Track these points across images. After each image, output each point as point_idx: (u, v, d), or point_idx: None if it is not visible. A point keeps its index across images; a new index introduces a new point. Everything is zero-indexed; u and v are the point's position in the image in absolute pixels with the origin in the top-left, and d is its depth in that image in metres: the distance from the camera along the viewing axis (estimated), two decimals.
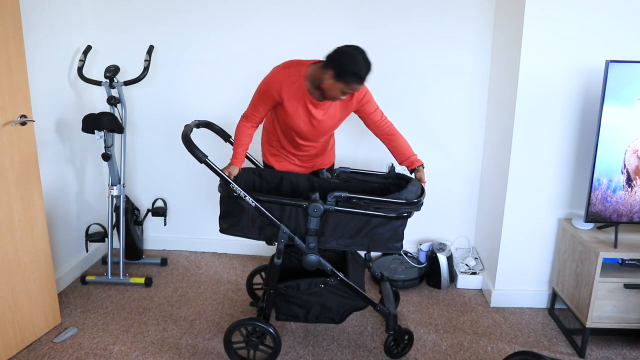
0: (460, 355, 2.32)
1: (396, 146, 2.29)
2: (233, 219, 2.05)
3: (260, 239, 2.07)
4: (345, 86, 2.01)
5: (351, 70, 1.97)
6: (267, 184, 2.31)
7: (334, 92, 2.05)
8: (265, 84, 2.16)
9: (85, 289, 2.86)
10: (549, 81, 2.42)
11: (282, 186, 2.31)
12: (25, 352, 2.28)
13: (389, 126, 2.30)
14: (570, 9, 2.32)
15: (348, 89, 2.03)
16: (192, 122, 2.15)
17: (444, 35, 2.88)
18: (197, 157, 1.93)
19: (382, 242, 2.02)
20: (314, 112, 2.16)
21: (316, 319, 2.19)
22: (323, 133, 2.28)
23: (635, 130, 2.18)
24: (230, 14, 2.96)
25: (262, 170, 2.34)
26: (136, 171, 3.30)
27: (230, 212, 2.06)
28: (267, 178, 2.32)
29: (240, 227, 2.06)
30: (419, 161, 2.28)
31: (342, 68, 1.97)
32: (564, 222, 2.54)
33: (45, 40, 2.65)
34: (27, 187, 2.25)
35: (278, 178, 2.32)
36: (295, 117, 2.16)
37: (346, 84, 2.00)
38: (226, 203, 2.07)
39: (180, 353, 2.31)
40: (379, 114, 2.29)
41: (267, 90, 2.14)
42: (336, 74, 1.99)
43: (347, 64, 1.97)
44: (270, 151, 2.40)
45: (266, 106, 2.17)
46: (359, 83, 2.01)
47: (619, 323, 2.29)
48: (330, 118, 2.21)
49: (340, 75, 1.98)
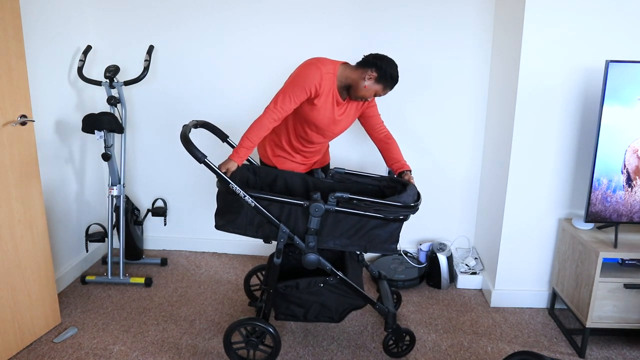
0: (460, 355, 2.32)
1: (390, 150, 2.38)
2: (230, 215, 2.04)
3: (257, 237, 2.06)
4: (383, 89, 2.16)
5: (394, 75, 2.14)
6: (262, 181, 2.30)
7: (369, 92, 2.17)
8: (306, 77, 2.11)
9: (85, 289, 2.86)
10: (549, 81, 2.42)
11: (277, 184, 2.31)
12: (25, 352, 2.29)
13: (386, 131, 2.41)
14: (570, 9, 2.32)
15: (382, 92, 2.18)
16: (190, 122, 2.15)
17: (444, 35, 2.88)
18: (196, 157, 1.93)
19: (379, 243, 2.03)
20: (337, 110, 2.23)
21: (315, 318, 2.19)
22: (339, 131, 2.33)
23: (635, 130, 2.18)
24: (230, 15, 2.96)
25: (257, 167, 2.33)
26: (136, 171, 3.31)
27: (227, 208, 2.04)
28: (261, 175, 2.31)
29: (237, 225, 2.04)
30: (408, 166, 2.37)
31: (385, 71, 2.11)
32: (564, 222, 2.54)
33: (45, 40, 2.65)
34: (27, 187, 2.25)
35: (273, 176, 2.31)
36: (321, 113, 2.18)
37: (384, 87, 2.16)
38: (224, 199, 2.05)
39: (180, 353, 2.31)
40: (379, 118, 2.40)
41: (306, 83, 2.10)
42: (379, 76, 2.12)
43: (390, 68, 2.13)
44: (275, 152, 2.38)
45: (298, 100, 2.12)
46: (392, 88, 2.19)
47: (619, 323, 2.29)
48: (346, 117, 2.29)
49: (383, 78, 2.13)
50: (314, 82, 2.10)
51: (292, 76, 2.17)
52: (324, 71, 2.12)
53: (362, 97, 2.18)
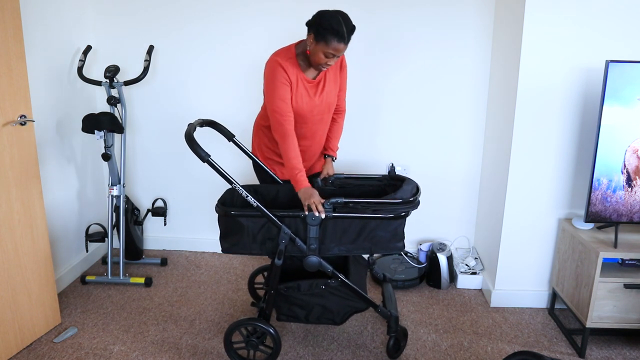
0: (460, 355, 2.32)
1: (330, 130, 2.38)
2: (234, 237, 2.05)
3: (263, 254, 2.07)
4: (326, 46, 1.99)
5: (329, 26, 1.96)
6: (263, 198, 2.29)
7: (317, 56, 2.04)
8: (274, 75, 2.10)
9: (85, 289, 2.86)
10: (549, 81, 2.42)
11: (279, 199, 2.29)
12: (25, 352, 2.28)
13: (341, 111, 2.40)
14: (570, 9, 2.32)
15: (330, 49, 2.00)
16: (196, 121, 2.14)
17: (444, 35, 2.88)
18: (199, 156, 1.92)
19: (383, 243, 2.02)
20: (311, 92, 2.18)
21: (317, 320, 2.19)
22: (327, 110, 2.28)
23: (635, 130, 2.18)
24: (230, 14, 2.96)
25: (257, 185, 2.32)
26: (136, 171, 3.30)
27: (229, 231, 2.05)
28: (262, 193, 2.30)
29: (242, 245, 2.05)
30: (333, 152, 2.41)
31: (320, 26, 1.98)
32: (564, 222, 2.54)
33: (45, 40, 2.65)
34: (27, 187, 2.25)
35: (274, 192, 2.30)
36: (298, 99, 2.15)
37: (326, 42, 1.98)
38: (225, 222, 2.05)
39: (180, 353, 2.31)
40: (344, 95, 2.37)
41: (278, 78, 2.08)
42: (316, 35, 2.00)
43: (324, 21, 1.98)
44: (266, 154, 2.36)
45: (287, 95, 2.10)
46: (339, 41, 1.99)
47: (619, 323, 2.29)
48: (329, 92, 2.23)
49: (320, 35, 1.98)
50: (282, 74, 2.08)
51: (264, 83, 2.16)
52: (281, 61, 2.09)
53: (319, 65, 2.08)
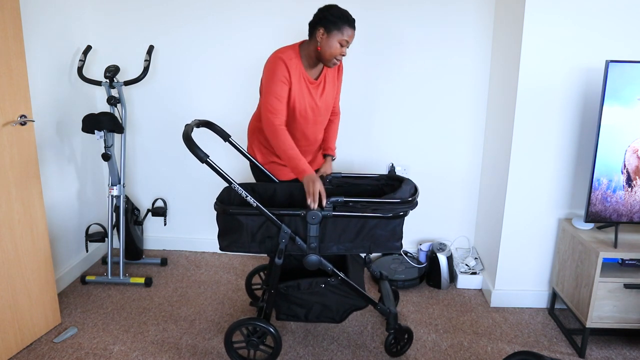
0: (460, 355, 2.32)
1: (327, 129, 2.42)
2: (232, 235, 2.05)
3: (261, 252, 2.07)
4: (341, 33, 2.07)
5: (339, 15, 2.06)
6: (261, 197, 2.29)
7: (332, 48, 2.10)
8: (274, 72, 2.11)
9: (85, 289, 2.86)
10: (549, 81, 2.42)
11: (277, 197, 2.29)
12: (25, 352, 2.28)
13: (336, 113, 2.46)
14: (570, 9, 2.32)
15: (344, 37, 2.08)
16: (193, 121, 2.15)
17: (444, 35, 2.88)
18: (198, 157, 1.92)
19: (382, 242, 2.03)
20: (313, 92, 2.21)
21: (317, 319, 2.19)
22: (325, 111, 2.32)
23: (635, 130, 2.18)
24: (231, 15, 2.96)
25: (255, 184, 2.32)
26: (136, 171, 3.30)
27: (228, 229, 2.05)
28: (260, 191, 2.29)
29: (241, 243, 2.05)
30: (332, 151, 2.44)
31: (330, 17, 2.06)
32: (564, 222, 2.54)
33: (45, 40, 2.65)
34: (27, 187, 2.25)
35: (272, 190, 2.30)
36: (299, 99, 2.17)
37: (340, 30, 2.07)
38: (223, 220, 2.05)
39: (180, 353, 2.31)
40: (339, 97, 2.44)
41: (278, 76, 2.10)
42: (327, 27, 2.07)
43: (333, 11, 2.07)
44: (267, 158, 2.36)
45: (285, 94, 2.12)
46: (350, 26, 2.08)
47: (619, 323, 2.29)
48: (328, 94, 2.28)
49: (332, 24, 2.06)
50: (283, 72, 2.10)
51: (263, 78, 2.16)
52: (286, 59, 2.11)
53: (331, 59, 2.12)
